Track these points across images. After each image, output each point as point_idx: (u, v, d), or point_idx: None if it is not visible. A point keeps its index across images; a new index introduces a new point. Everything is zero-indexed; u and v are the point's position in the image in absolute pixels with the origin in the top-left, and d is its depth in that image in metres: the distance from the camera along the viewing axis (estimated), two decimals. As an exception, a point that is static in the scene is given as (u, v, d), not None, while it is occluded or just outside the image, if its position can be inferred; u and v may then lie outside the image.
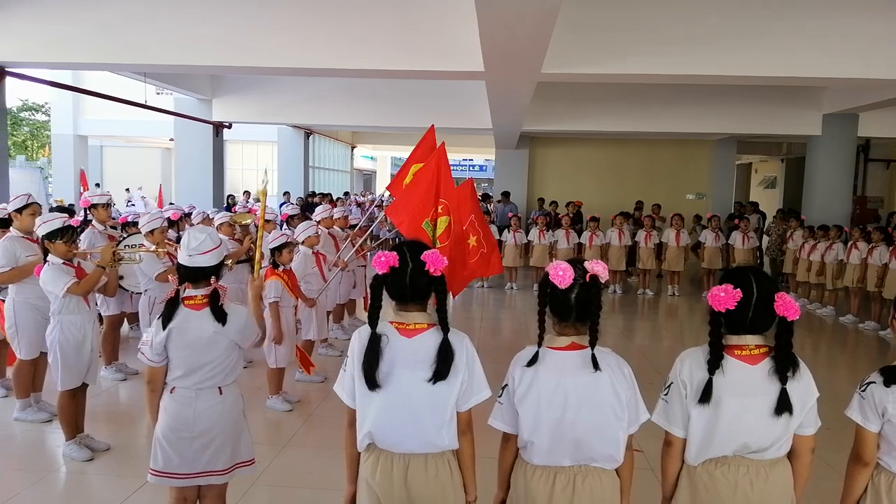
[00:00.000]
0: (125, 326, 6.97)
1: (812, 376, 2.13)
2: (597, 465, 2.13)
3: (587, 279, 2.07)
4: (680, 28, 6.57)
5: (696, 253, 11.87)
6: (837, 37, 6.51)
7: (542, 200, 15.15)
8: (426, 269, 2.15)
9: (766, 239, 12.74)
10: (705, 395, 2.08)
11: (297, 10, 6.79)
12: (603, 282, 2.09)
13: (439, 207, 5.04)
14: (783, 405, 2.05)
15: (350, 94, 12.43)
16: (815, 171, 12.40)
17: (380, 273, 2.16)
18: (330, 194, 16.53)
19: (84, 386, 4.26)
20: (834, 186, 12.17)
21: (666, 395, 2.20)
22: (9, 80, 7.95)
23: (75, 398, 4.23)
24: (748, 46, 6.55)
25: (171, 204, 10.94)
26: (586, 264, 2.10)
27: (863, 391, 2.23)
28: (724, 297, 2.05)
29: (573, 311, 2.10)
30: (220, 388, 2.82)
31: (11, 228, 4.84)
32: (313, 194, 16.47)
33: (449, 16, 6.55)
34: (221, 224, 7.08)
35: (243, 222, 7.47)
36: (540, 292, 2.15)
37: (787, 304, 2.04)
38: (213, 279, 2.83)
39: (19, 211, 4.78)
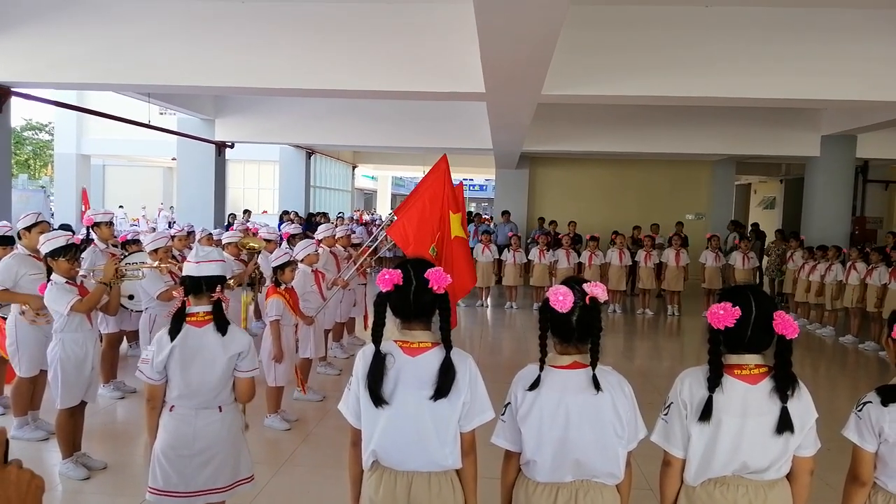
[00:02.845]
0: (124, 344, 6.96)
1: (811, 396, 2.14)
2: (598, 480, 2.14)
3: (587, 301, 2.10)
4: (679, 50, 6.65)
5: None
6: (836, 59, 6.58)
7: (542, 220, 15.20)
8: (430, 286, 2.16)
9: (765, 259, 12.76)
10: (705, 413, 2.09)
11: (300, 31, 6.88)
12: (602, 302, 2.11)
13: (437, 235, 5.13)
14: (784, 424, 2.05)
15: (352, 114, 12.53)
16: (814, 192, 12.46)
17: (383, 291, 2.18)
18: (327, 214, 16.58)
19: (83, 404, 4.26)
20: (833, 207, 12.21)
21: (666, 414, 2.20)
22: (13, 99, 8.03)
23: (74, 416, 4.22)
24: (747, 68, 6.62)
25: (169, 225, 10.98)
26: (585, 286, 2.12)
27: (859, 411, 2.23)
28: (723, 314, 2.06)
29: (574, 333, 2.12)
30: (219, 406, 2.82)
31: (18, 246, 4.89)
32: (310, 216, 16.48)
33: (450, 37, 6.63)
34: (228, 244, 7.12)
35: (251, 245, 7.50)
36: (541, 317, 2.17)
37: (786, 323, 2.05)
38: (217, 289, 2.85)
39: (28, 229, 4.82)
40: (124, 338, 6.81)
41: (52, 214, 18.60)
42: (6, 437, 1.07)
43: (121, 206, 20.79)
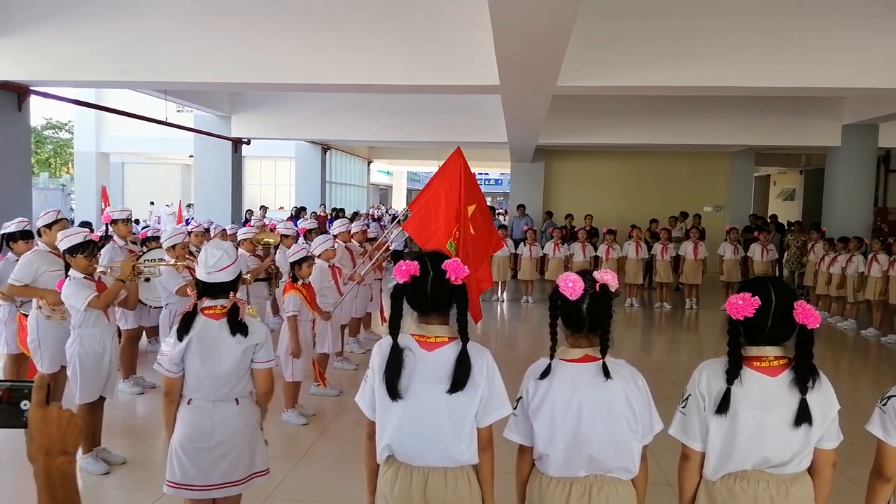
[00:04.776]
0: (143, 340, 7.03)
1: (833, 389, 2.10)
2: (612, 475, 2.11)
3: (597, 289, 2.07)
4: (696, 40, 6.56)
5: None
6: (856, 47, 6.45)
7: (549, 213, 15.12)
8: (447, 277, 2.14)
9: (785, 252, 12.60)
10: (723, 406, 2.05)
11: (315, 27, 6.88)
12: (613, 290, 2.09)
13: (455, 230, 5.11)
14: (803, 416, 2.01)
15: (367, 109, 12.54)
16: (835, 183, 12.27)
17: (400, 282, 2.16)
18: (343, 210, 16.67)
19: (102, 399, 4.30)
20: (854, 198, 12.02)
21: (684, 407, 2.17)
22: (33, 98, 8.12)
23: (93, 411, 4.26)
24: (766, 57, 6.52)
25: (187, 221, 11.07)
26: (595, 274, 2.09)
27: (883, 405, 2.18)
28: (743, 304, 2.02)
29: (586, 322, 2.09)
30: (236, 399, 2.83)
31: (39, 242, 4.96)
32: (333, 211, 16.59)
33: (464, 30, 6.59)
34: (244, 240, 7.17)
35: (266, 240, 7.55)
36: (551, 304, 2.15)
37: (807, 312, 2.00)
38: (231, 294, 2.86)
39: (48, 226, 4.89)
40: (143, 333, 6.88)
41: (72, 210, 18.84)
42: (47, 381, 1.21)
43: (152, 203, 21.00)
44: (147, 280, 5.61)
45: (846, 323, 9.84)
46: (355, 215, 15.97)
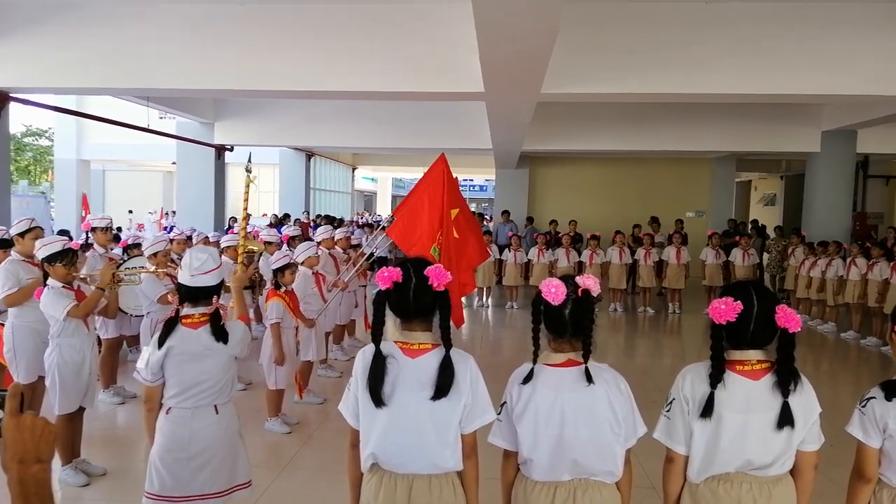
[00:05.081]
0: (124, 349, 6.94)
1: (814, 392, 2.12)
2: (596, 479, 2.12)
3: (579, 294, 2.08)
4: (678, 47, 6.63)
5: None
6: (835, 54, 6.56)
7: (531, 219, 15.19)
8: (429, 283, 2.13)
9: (766, 256, 12.74)
10: (707, 409, 2.07)
11: (298, 33, 6.87)
12: (595, 295, 2.09)
13: (438, 235, 5.11)
14: (785, 419, 2.03)
15: (351, 115, 12.52)
16: (815, 188, 12.42)
17: (382, 289, 2.15)
18: (333, 217, 16.64)
19: (81, 410, 4.23)
20: (833, 203, 12.17)
21: (668, 411, 2.18)
22: (13, 105, 8.02)
23: (72, 422, 4.20)
24: (746, 65, 6.60)
25: (167, 229, 10.95)
26: (577, 279, 2.10)
27: (863, 407, 2.21)
28: (725, 308, 2.04)
29: (568, 327, 2.10)
30: (215, 406, 2.81)
31: (13, 252, 4.86)
32: (318, 217, 16.54)
33: (449, 37, 6.61)
34: (227, 247, 7.12)
35: (250, 248, 7.50)
36: (534, 310, 2.15)
37: (789, 316, 2.03)
38: (214, 298, 2.84)
39: (22, 235, 4.80)
40: (124, 343, 6.79)
41: (52, 219, 18.60)
42: (21, 389, 1.22)
43: (130, 211, 20.79)
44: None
45: (826, 326, 9.96)
46: (340, 222, 15.93)
